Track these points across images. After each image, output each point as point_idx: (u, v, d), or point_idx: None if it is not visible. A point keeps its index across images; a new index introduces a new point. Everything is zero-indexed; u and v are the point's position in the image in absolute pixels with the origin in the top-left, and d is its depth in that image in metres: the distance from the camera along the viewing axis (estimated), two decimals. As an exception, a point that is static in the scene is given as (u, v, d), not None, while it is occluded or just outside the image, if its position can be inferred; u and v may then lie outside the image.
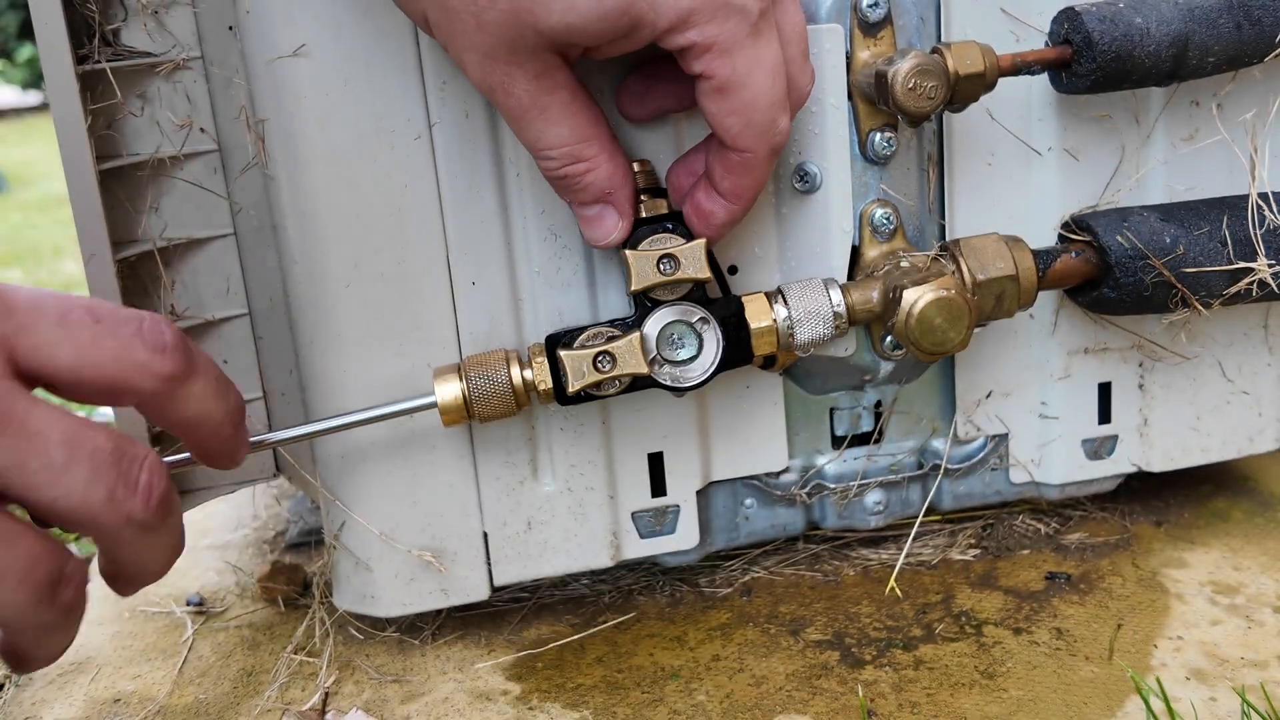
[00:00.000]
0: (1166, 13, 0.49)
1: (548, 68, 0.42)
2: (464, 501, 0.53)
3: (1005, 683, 0.50)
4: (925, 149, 0.54)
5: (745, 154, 0.44)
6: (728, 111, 0.42)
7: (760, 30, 0.41)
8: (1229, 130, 0.55)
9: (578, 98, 0.44)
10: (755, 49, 0.42)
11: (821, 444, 0.58)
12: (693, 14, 0.40)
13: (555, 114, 0.44)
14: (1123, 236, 0.52)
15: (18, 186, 3.61)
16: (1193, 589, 0.56)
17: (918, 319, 0.48)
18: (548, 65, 0.42)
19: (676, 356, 0.48)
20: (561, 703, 0.51)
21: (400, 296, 0.50)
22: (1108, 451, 0.60)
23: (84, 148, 0.49)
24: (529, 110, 0.43)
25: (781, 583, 0.60)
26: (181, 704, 0.53)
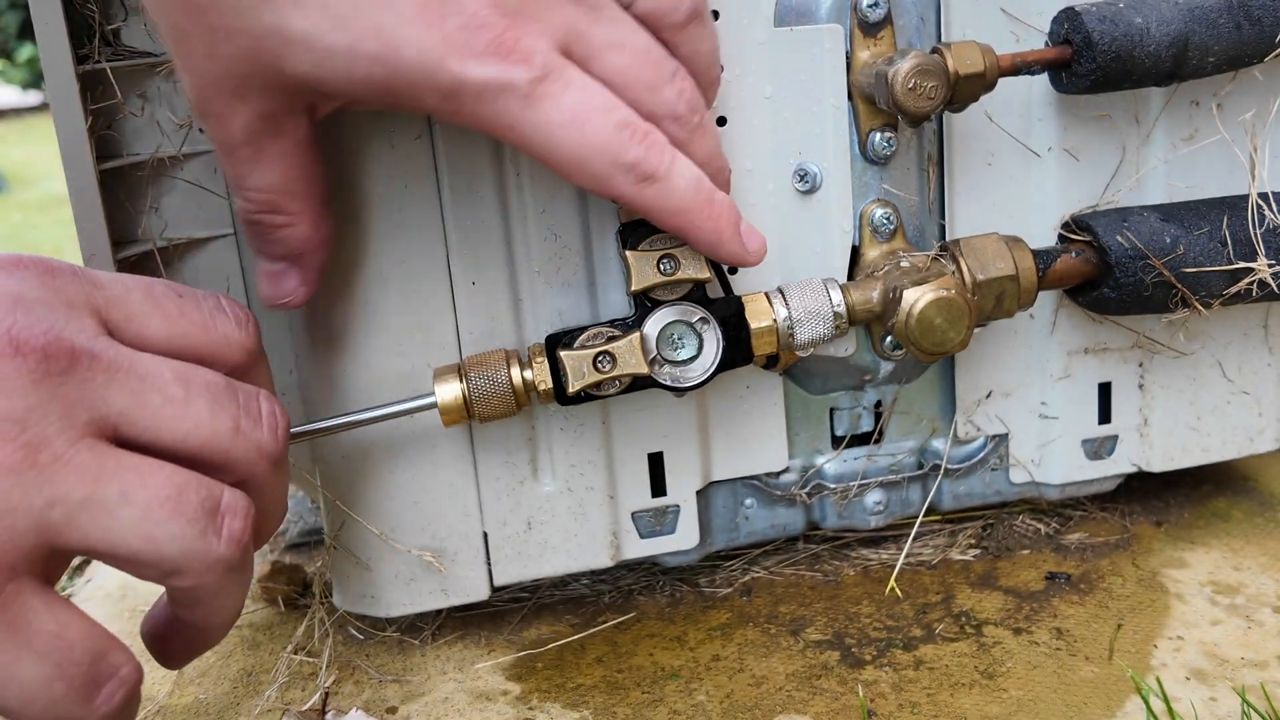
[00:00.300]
0: (1166, 13, 0.49)
1: (274, 110, 0.40)
2: (464, 501, 0.53)
3: (1005, 683, 0.50)
4: (925, 149, 0.54)
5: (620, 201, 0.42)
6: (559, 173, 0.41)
7: (537, 95, 0.38)
8: (1229, 130, 0.55)
9: (300, 151, 0.42)
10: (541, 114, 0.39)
11: (821, 444, 0.58)
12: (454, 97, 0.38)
13: (268, 159, 0.42)
14: (1123, 236, 0.52)
15: (18, 186, 3.61)
16: (1193, 589, 0.56)
17: (918, 319, 0.48)
18: (275, 108, 0.40)
19: (677, 356, 0.48)
20: (561, 703, 0.51)
21: (400, 296, 0.50)
22: (1108, 451, 0.60)
23: (84, 148, 0.49)
24: (241, 147, 0.41)
25: (781, 583, 0.60)
26: (181, 704, 0.53)
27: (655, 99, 0.42)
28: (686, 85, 0.43)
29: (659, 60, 0.42)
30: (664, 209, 0.42)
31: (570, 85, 0.39)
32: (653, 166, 0.41)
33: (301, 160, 0.43)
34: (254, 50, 0.38)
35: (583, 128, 0.39)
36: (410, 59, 0.37)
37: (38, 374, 0.34)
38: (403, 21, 0.37)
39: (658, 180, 0.41)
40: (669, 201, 0.42)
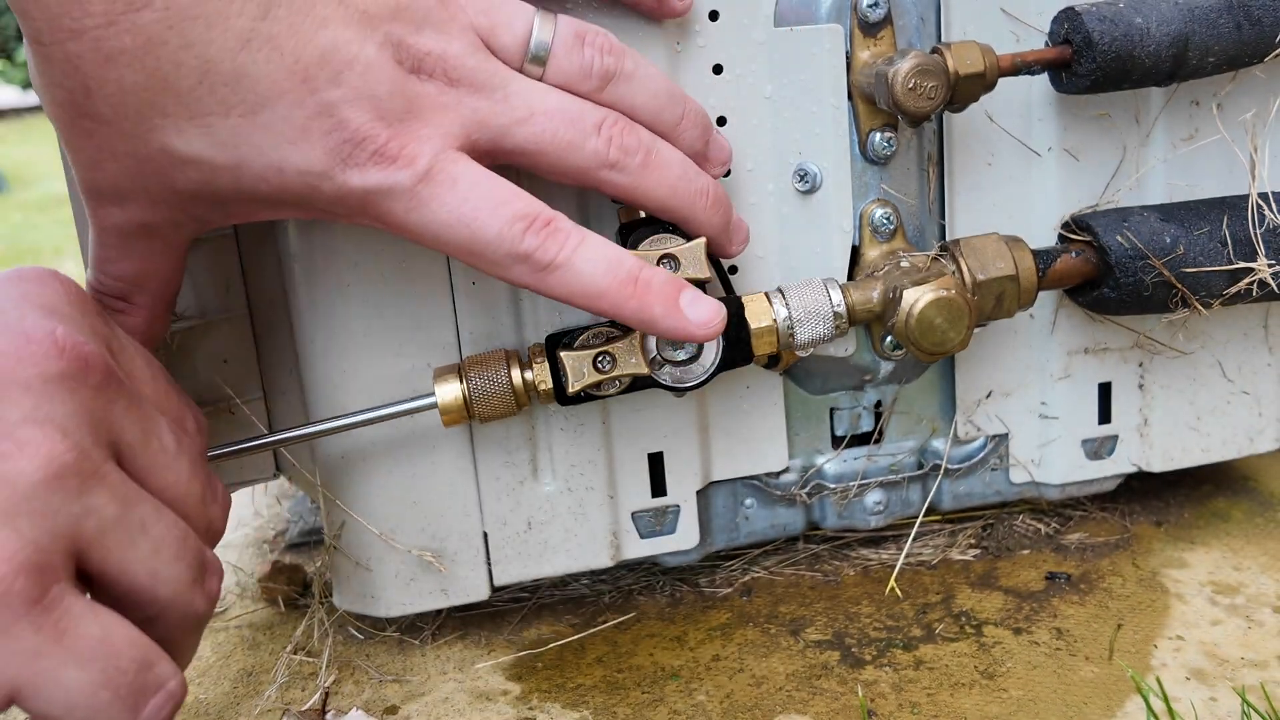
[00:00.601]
0: (1166, 13, 0.49)
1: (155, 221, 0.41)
2: (464, 501, 0.53)
3: (1005, 683, 0.50)
4: (925, 149, 0.54)
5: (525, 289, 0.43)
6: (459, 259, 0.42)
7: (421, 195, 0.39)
8: (1229, 130, 0.55)
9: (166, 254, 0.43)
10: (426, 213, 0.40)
11: (821, 444, 0.58)
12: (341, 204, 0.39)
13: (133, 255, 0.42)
14: (1123, 236, 0.52)
15: (18, 186, 3.61)
16: (1193, 589, 0.56)
17: (918, 319, 0.48)
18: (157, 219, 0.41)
19: (677, 357, 0.48)
20: (561, 703, 0.51)
21: (400, 296, 0.50)
22: (1108, 451, 0.60)
23: (84, 148, 0.49)
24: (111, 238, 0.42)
25: (781, 583, 0.60)
26: (181, 704, 0.53)
27: (579, 156, 0.42)
28: (617, 130, 0.43)
29: (576, 117, 0.42)
30: (572, 294, 0.42)
31: (457, 182, 0.40)
32: (550, 255, 0.41)
33: (163, 264, 0.43)
34: (140, 169, 0.39)
35: (469, 224, 0.40)
36: (293, 176, 0.39)
37: (74, 383, 0.34)
38: (283, 142, 0.38)
39: (557, 268, 0.41)
40: (575, 286, 0.42)
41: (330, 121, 0.38)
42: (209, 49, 0.37)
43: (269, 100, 0.38)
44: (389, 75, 0.39)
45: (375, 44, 0.39)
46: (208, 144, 0.38)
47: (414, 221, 0.40)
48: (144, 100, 0.37)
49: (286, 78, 0.37)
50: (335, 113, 0.38)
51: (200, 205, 0.41)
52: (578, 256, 0.41)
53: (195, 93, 0.37)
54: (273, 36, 0.37)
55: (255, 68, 0.37)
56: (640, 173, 0.43)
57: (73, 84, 0.37)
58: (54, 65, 0.37)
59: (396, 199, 0.39)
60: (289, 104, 0.38)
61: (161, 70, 0.36)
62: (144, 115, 0.37)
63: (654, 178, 0.44)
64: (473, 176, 0.40)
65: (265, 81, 0.37)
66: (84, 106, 0.38)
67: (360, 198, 0.39)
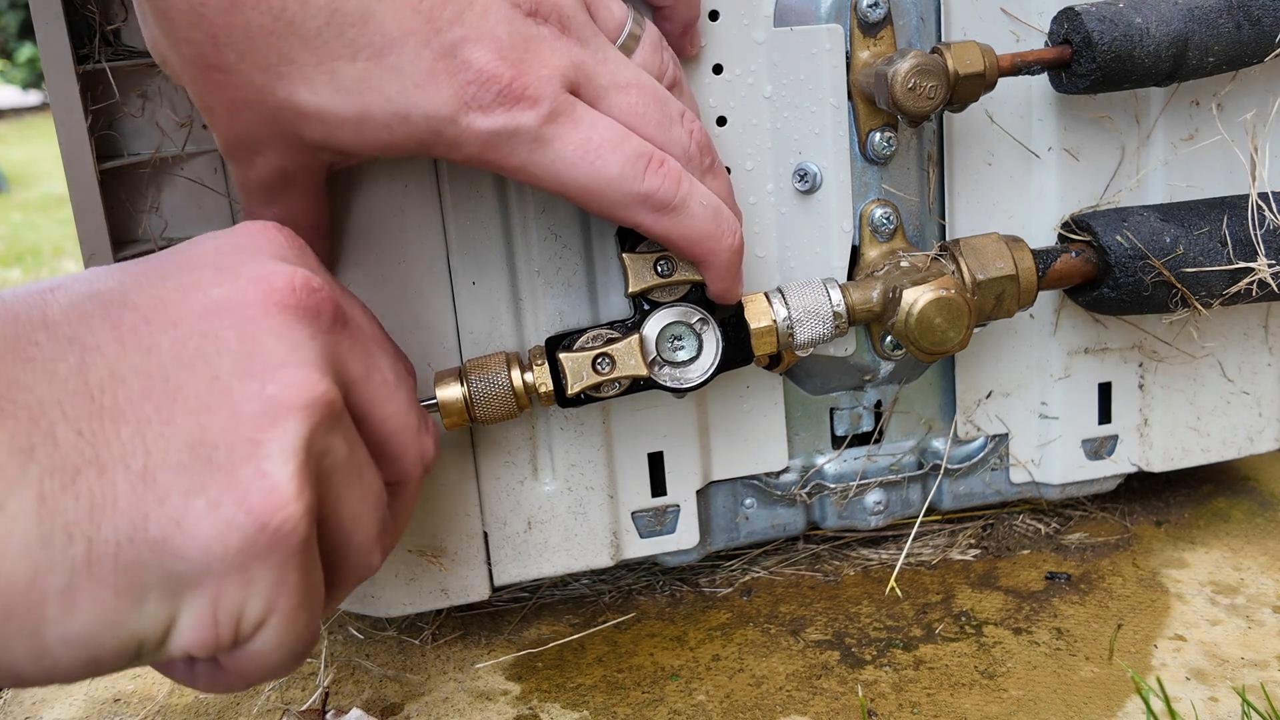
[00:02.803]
0: (1166, 13, 0.49)
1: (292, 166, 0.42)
2: (464, 501, 0.53)
3: (1005, 683, 0.50)
4: (925, 149, 0.54)
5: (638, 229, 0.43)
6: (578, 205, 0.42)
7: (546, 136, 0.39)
8: (1229, 130, 0.55)
9: (310, 195, 0.44)
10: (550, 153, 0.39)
11: (821, 444, 0.58)
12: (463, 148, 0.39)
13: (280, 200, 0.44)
14: (1122, 236, 0.52)
15: (18, 186, 3.61)
16: (1193, 589, 0.56)
17: (918, 319, 0.48)
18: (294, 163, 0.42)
19: (676, 358, 0.48)
20: (561, 703, 0.51)
21: (400, 296, 0.50)
22: (1108, 451, 0.60)
23: (84, 147, 0.49)
24: (256, 190, 0.43)
25: (781, 583, 0.60)
26: (181, 704, 0.53)
27: (666, 136, 0.42)
28: (696, 127, 0.43)
29: (666, 100, 0.43)
30: (681, 237, 0.43)
31: (580, 122, 0.40)
32: (669, 196, 0.41)
33: (309, 204, 0.45)
34: (270, 119, 0.39)
35: (593, 162, 0.40)
36: (419, 121, 0.38)
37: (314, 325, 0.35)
38: (410, 87, 0.38)
39: (674, 210, 0.42)
40: (686, 229, 0.42)
41: (455, 63, 0.38)
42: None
43: (396, 42, 0.37)
44: (507, 15, 0.38)
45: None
46: (332, 93, 0.38)
47: (536, 162, 0.39)
48: (270, 45, 0.37)
49: (412, 17, 0.37)
50: (459, 53, 0.38)
51: (326, 154, 0.41)
52: (691, 199, 0.42)
53: (322, 35, 0.37)
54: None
55: (382, 7, 0.37)
56: (708, 174, 0.44)
57: (200, 35, 0.37)
58: (179, 17, 0.37)
59: (520, 141, 0.39)
60: (415, 44, 0.37)
61: (288, 12, 0.36)
62: (271, 62, 0.37)
63: (717, 183, 0.45)
64: (590, 116, 0.40)
65: (392, 22, 0.37)
66: (212, 58, 0.38)
67: (484, 141, 0.39)
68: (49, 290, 0.32)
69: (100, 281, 0.33)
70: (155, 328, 0.32)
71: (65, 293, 0.32)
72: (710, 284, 0.46)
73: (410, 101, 0.38)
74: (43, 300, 0.32)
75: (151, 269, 0.34)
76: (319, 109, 0.38)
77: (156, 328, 0.32)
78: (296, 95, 0.38)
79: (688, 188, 0.42)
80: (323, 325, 0.35)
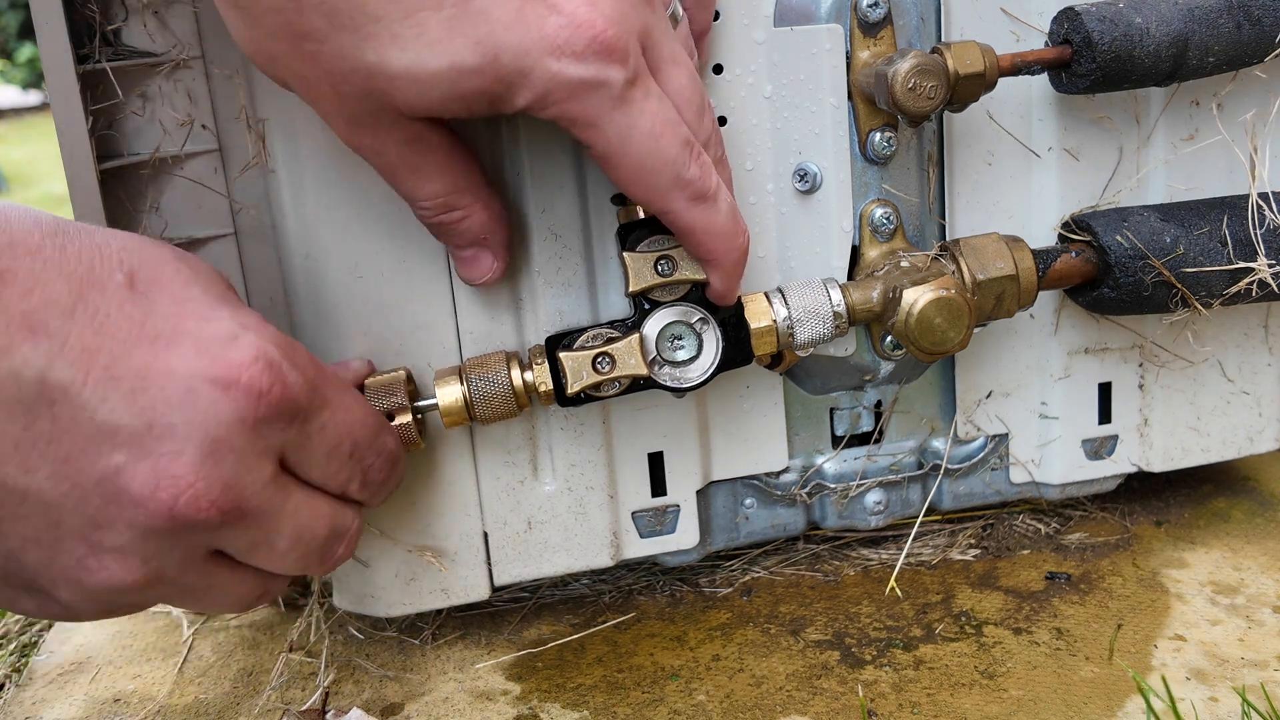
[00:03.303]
0: (1166, 13, 0.49)
1: (417, 132, 0.41)
2: (464, 501, 0.53)
3: (1005, 683, 0.50)
4: (925, 149, 0.54)
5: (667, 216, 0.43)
6: (619, 179, 0.41)
7: (628, 98, 0.39)
8: (1229, 130, 0.55)
9: (453, 153, 0.43)
10: (627, 117, 0.39)
11: (821, 444, 0.58)
12: (549, 95, 0.38)
13: (429, 171, 0.43)
14: (1122, 236, 0.52)
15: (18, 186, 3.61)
16: (1193, 589, 0.56)
17: (918, 319, 0.48)
18: (416, 130, 0.41)
19: (676, 357, 0.48)
20: (561, 703, 0.51)
21: (400, 296, 0.50)
22: (1108, 451, 0.60)
23: (85, 147, 0.49)
24: (400, 169, 0.43)
25: (781, 583, 0.60)
26: (181, 704, 0.53)
27: (700, 124, 0.42)
28: (712, 118, 0.44)
29: (700, 89, 0.43)
30: (706, 230, 0.43)
31: (651, 94, 0.39)
32: (706, 186, 0.41)
33: (456, 161, 0.44)
34: (369, 88, 0.39)
35: (658, 139, 0.40)
36: (508, 63, 0.38)
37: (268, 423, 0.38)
38: (500, 28, 0.37)
39: (706, 201, 0.42)
40: (713, 223, 0.42)
41: (544, 6, 0.37)
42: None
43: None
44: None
45: None
46: (420, 48, 0.37)
47: (614, 121, 0.39)
48: (354, 4, 0.37)
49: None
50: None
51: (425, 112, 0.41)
52: (721, 192, 0.42)
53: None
54: None
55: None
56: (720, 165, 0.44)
57: (285, 3, 0.37)
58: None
59: (605, 96, 0.38)
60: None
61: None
62: (358, 22, 0.37)
63: (726, 173, 0.45)
64: (657, 90, 0.40)
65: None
66: (298, 26, 0.37)
67: (572, 88, 0.38)
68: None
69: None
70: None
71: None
72: (714, 283, 0.46)
73: (500, 42, 0.37)
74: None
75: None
76: (408, 69, 0.38)
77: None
78: (386, 56, 0.37)
79: (717, 181, 0.42)
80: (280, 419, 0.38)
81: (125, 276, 0.36)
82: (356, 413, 0.43)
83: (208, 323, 0.37)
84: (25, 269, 0.34)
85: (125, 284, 0.36)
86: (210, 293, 0.38)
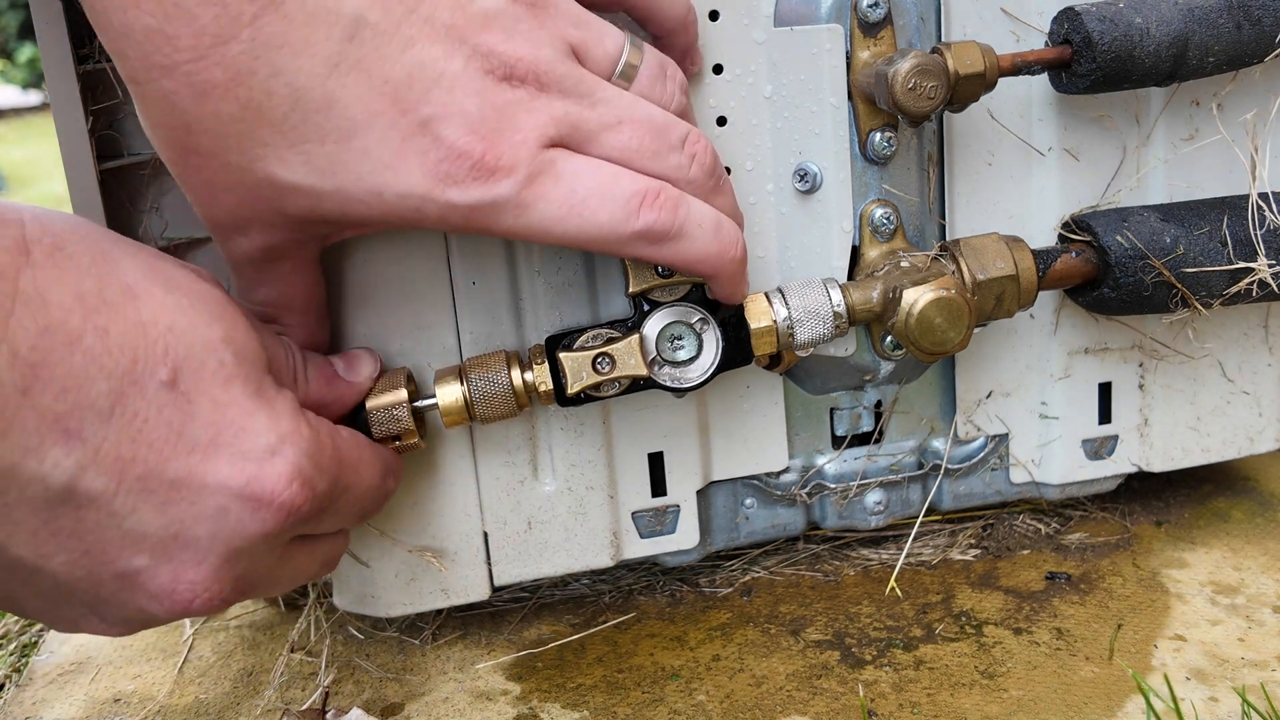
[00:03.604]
0: (1166, 13, 0.49)
1: (279, 242, 0.42)
2: (464, 501, 0.53)
3: (1005, 683, 0.50)
4: (925, 149, 0.54)
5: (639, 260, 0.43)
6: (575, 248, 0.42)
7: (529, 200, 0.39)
8: (1229, 130, 0.55)
9: (301, 271, 0.44)
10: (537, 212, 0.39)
11: (822, 444, 0.58)
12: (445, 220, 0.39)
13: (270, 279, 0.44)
14: (1123, 236, 0.52)
15: (18, 186, 3.61)
16: (1193, 589, 0.56)
17: (918, 319, 0.48)
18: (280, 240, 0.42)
19: (676, 357, 0.48)
20: (561, 703, 0.51)
21: (400, 296, 0.50)
22: (1108, 451, 0.60)
23: (85, 147, 0.49)
24: (245, 268, 0.43)
25: (781, 583, 0.60)
26: (181, 704, 0.53)
27: (663, 165, 0.42)
28: (699, 149, 0.43)
29: (662, 128, 0.42)
30: (683, 262, 0.42)
31: (561, 177, 0.39)
32: (665, 226, 0.41)
33: (301, 280, 0.44)
34: (253, 197, 0.39)
35: (581, 214, 0.40)
36: (393, 199, 0.38)
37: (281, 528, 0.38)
38: (380, 167, 0.38)
39: (672, 239, 0.41)
40: (687, 254, 0.42)
41: (424, 141, 0.38)
42: (298, 76, 0.36)
43: (361, 124, 0.37)
44: (478, 87, 0.38)
45: (463, 57, 0.38)
46: (308, 171, 0.38)
47: (523, 226, 0.39)
48: (242, 132, 0.37)
49: (376, 100, 0.37)
50: (428, 131, 0.38)
51: (314, 227, 0.41)
52: (689, 223, 0.42)
53: (289, 120, 0.37)
54: (360, 60, 0.37)
55: (345, 92, 0.37)
56: (712, 193, 0.44)
57: (174, 121, 0.38)
58: (153, 104, 0.38)
59: (503, 210, 0.39)
60: (382, 126, 0.37)
61: (254, 101, 0.37)
62: (245, 146, 0.38)
63: (721, 199, 0.44)
64: (574, 167, 0.40)
65: (356, 105, 0.37)
66: (187, 142, 0.38)
67: (465, 214, 0.39)
68: None
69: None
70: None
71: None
72: (715, 292, 0.46)
73: (383, 180, 0.38)
74: None
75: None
76: (298, 185, 0.38)
77: None
78: (274, 173, 0.38)
79: (684, 214, 0.41)
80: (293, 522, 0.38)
81: (168, 374, 0.35)
82: (367, 484, 0.43)
83: (246, 434, 0.36)
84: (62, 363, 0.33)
85: (167, 384, 0.35)
86: (250, 387, 0.38)
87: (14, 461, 0.32)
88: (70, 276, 0.34)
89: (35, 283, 0.33)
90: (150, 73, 0.36)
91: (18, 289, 0.32)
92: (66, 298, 0.33)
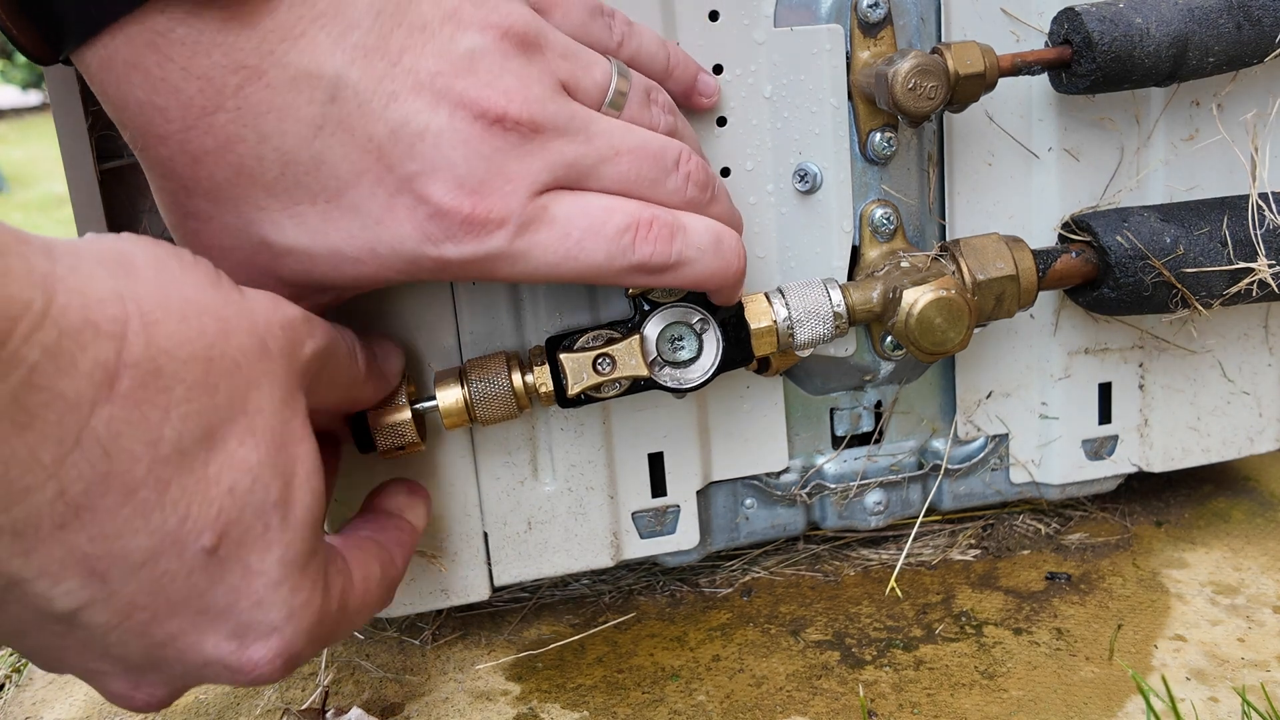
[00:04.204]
0: (1166, 13, 0.49)
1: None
2: (464, 501, 0.53)
3: (1005, 683, 0.50)
4: (925, 149, 0.54)
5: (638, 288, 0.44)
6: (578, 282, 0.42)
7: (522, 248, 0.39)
8: (1229, 130, 0.55)
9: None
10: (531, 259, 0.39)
11: (822, 444, 0.58)
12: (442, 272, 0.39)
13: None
14: (1123, 236, 0.52)
15: (18, 186, 3.61)
16: (1193, 589, 0.56)
17: (918, 319, 0.48)
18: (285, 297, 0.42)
19: (676, 358, 0.48)
20: (561, 703, 0.51)
21: (400, 296, 0.50)
22: (1108, 451, 0.60)
23: (85, 148, 0.49)
24: None
25: (781, 583, 0.60)
26: (181, 704, 0.53)
27: (662, 191, 0.42)
28: (693, 166, 0.43)
29: (658, 153, 0.42)
30: (683, 285, 0.43)
31: (555, 222, 0.39)
32: (663, 257, 0.41)
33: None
34: (251, 262, 0.39)
35: (577, 256, 0.40)
36: (387, 255, 0.38)
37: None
38: (371, 223, 0.38)
39: (670, 269, 0.42)
40: (687, 278, 0.43)
41: (412, 197, 0.38)
42: (284, 140, 0.37)
43: (349, 183, 0.37)
44: (464, 137, 0.38)
45: (448, 107, 0.38)
46: (300, 233, 0.38)
47: (521, 272, 0.40)
48: (237, 195, 0.38)
49: (361, 158, 0.37)
50: (415, 188, 0.38)
51: (312, 294, 0.41)
52: (687, 248, 0.42)
53: (281, 183, 0.37)
54: (343, 119, 0.37)
55: (331, 152, 0.37)
56: (708, 205, 0.44)
57: (173, 184, 0.38)
58: (154, 168, 0.38)
59: (498, 260, 0.39)
60: (370, 184, 0.37)
61: (245, 166, 0.37)
62: (241, 209, 0.38)
63: (717, 207, 0.44)
64: (566, 209, 0.40)
65: (343, 164, 0.37)
66: (187, 205, 0.38)
67: (461, 266, 0.39)
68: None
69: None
70: None
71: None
72: (714, 299, 0.47)
73: (375, 236, 0.38)
74: None
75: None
76: (292, 248, 0.39)
77: None
78: (269, 236, 0.38)
79: (680, 242, 0.42)
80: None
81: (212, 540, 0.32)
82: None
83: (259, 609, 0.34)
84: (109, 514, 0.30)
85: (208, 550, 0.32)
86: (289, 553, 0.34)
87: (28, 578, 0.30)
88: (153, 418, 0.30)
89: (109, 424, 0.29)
90: (147, 140, 0.37)
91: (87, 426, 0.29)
92: (138, 446, 0.30)
